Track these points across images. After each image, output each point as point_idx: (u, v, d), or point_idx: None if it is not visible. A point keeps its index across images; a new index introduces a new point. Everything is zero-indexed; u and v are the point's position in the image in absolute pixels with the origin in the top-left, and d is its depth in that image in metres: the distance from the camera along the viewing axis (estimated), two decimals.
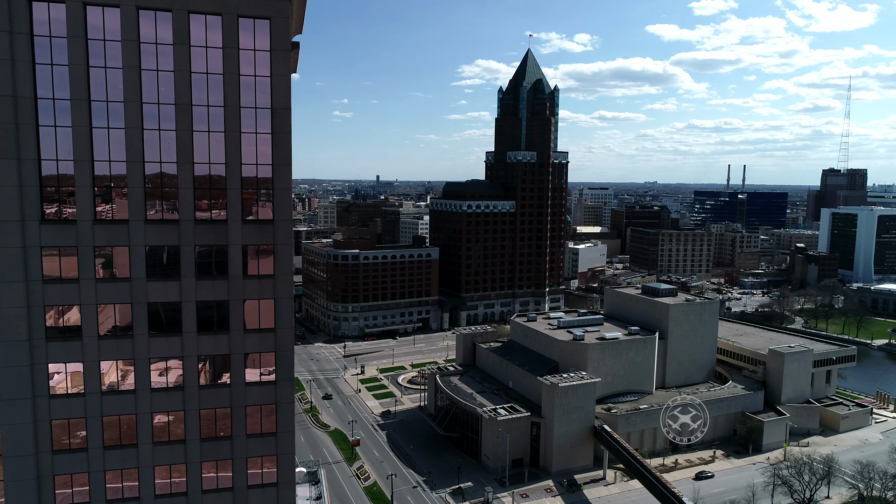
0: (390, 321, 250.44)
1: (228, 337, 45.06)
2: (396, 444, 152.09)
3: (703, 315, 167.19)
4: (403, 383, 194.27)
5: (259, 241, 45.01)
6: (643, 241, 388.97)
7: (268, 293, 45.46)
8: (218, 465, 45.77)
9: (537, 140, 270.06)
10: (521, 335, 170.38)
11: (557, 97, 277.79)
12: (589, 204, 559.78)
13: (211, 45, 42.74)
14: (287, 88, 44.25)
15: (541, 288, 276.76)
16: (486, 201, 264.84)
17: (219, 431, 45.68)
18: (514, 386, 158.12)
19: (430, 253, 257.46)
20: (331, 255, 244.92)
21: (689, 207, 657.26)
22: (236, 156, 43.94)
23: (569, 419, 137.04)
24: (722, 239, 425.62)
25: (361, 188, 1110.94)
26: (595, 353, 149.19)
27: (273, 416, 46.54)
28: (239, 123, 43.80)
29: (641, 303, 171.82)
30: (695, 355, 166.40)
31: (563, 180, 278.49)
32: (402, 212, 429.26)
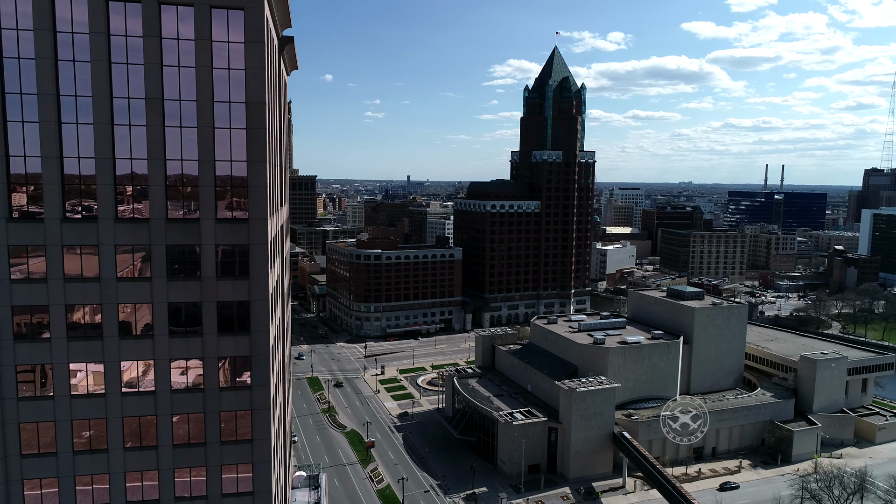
0: (412, 321, 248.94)
1: (201, 340, 43.51)
2: (412, 446, 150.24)
3: (731, 319, 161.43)
4: (423, 385, 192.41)
5: (233, 241, 43.37)
6: (674, 242, 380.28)
7: (242, 295, 43.75)
8: (191, 473, 44.26)
9: (563, 139, 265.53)
10: (540, 338, 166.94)
11: (584, 95, 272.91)
12: (619, 204, 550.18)
13: (183, 38, 41.28)
14: (262, 82, 42.50)
15: (566, 289, 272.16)
16: (510, 201, 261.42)
17: (192, 437, 44.14)
18: (532, 390, 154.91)
19: (453, 253, 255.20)
20: (353, 255, 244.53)
21: (723, 208, 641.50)
22: (209, 152, 42.35)
23: (587, 425, 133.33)
24: (756, 240, 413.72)
25: (392, 188, 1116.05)
26: (616, 357, 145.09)
27: (249, 423, 44.81)
28: (212, 119, 42.23)
29: (666, 306, 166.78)
30: (721, 361, 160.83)
31: (589, 180, 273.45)
32: (428, 212, 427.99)
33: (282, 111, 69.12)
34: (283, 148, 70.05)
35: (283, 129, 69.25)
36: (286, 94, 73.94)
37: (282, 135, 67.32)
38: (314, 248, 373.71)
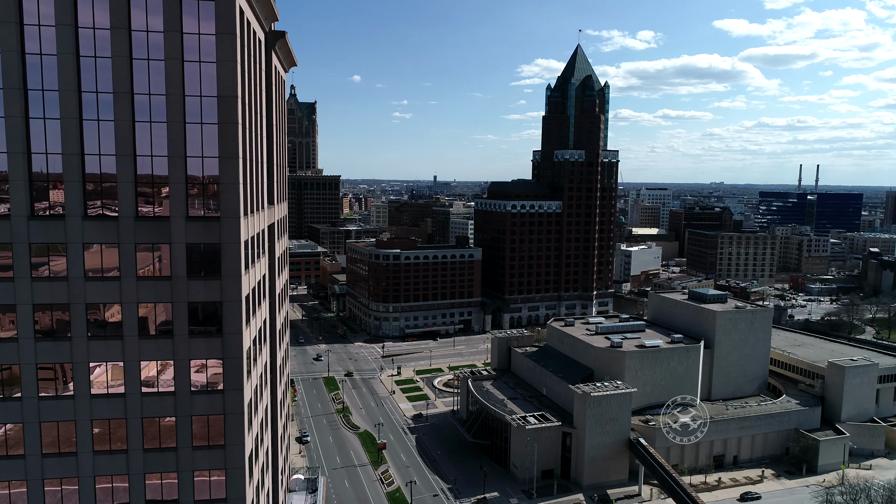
0: (431, 322, 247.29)
1: (172, 342, 42.23)
2: (425, 448, 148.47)
3: (755, 323, 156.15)
4: (439, 386, 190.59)
5: (204, 240, 41.98)
6: (701, 243, 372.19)
7: (214, 295, 42.35)
8: (162, 478, 43.02)
9: (586, 138, 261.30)
10: (557, 340, 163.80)
11: (608, 94, 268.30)
12: (646, 205, 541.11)
13: (152, 30, 40.00)
14: (234, 75, 41.02)
15: (588, 291, 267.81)
16: (531, 201, 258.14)
17: (163, 442, 42.90)
18: (547, 393, 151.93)
19: (472, 253, 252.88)
20: (373, 255, 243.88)
21: (753, 209, 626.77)
22: (179, 148, 41.03)
23: (602, 430, 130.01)
24: (788, 242, 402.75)
25: (418, 188, 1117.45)
26: (633, 361, 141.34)
27: (222, 428, 43.40)
28: (183, 113, 40.90)
29: (687, 309, 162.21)
30: (744, 366, 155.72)
31: (612, 180, 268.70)
32: (451, 212, 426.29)
33: (277, 107, 67.84)
34: (278, 145, 68.82)
35: (277, 126, 67.98)
36: (284, 90, 72.69)
37: (276, 131, 66.04)
38: (336, 247, 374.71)
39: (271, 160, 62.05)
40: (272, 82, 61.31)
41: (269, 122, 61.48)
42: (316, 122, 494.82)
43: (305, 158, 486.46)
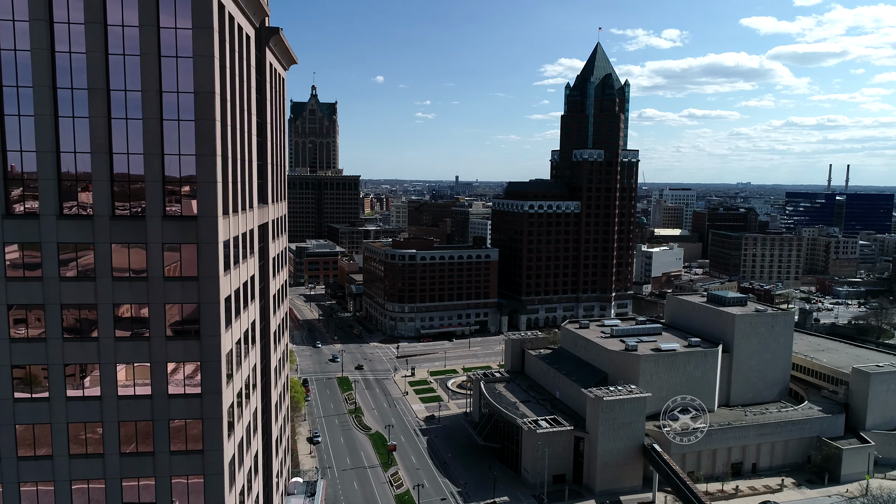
0: (447, 323, 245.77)
1: (149, 344, 41.23)
2: (436, 451, 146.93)
3: (776, 327, 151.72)
4: (452, 387, 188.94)
5: (181, 240, 40.93)
6: (724, 244, 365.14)
7: (192, 297, 41.26)
8: (139, 483, 42.06)
9: (605, 138, 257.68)
10: (571, 343, 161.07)
11: (628, 93, 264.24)
12: (669, 205, 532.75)
13: (128, 24, 38.98)
14: (211, 71, 39.86)
15: (606, 293, 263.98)
16: (549, 201, 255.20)
17: (140, 446, 41.93)
18: (560, 396, 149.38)
19: (489, 254, 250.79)
20: (388, 255, 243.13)
21: (780, 210, 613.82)
22: (156, 146, 40.00)
23: (615, 436, 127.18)
24: (814, 244, 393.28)
25: (440, 189, 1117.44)
26: (648, 365, 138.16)
27: (200, 432, 42.31)
28: (159, 110, 39.87)
29: (705, 312, 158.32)
30: (764, 371, 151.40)
31: (632, 180, 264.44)
32: (471, 212, 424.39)
33: (274, 105, 66.87)
34: (276, 143, 67.84)
35: (275, 124, 67.02)
36: (282, 87, 71.65)
37: (272, 129, 65.07)
38: (355, 247, 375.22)
39: (264, 158, 60.98)
40: (266, 79, 60.27)
41: (262, 120, 60.44)
42: (336, 122, 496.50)
43: (326, 158, 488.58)
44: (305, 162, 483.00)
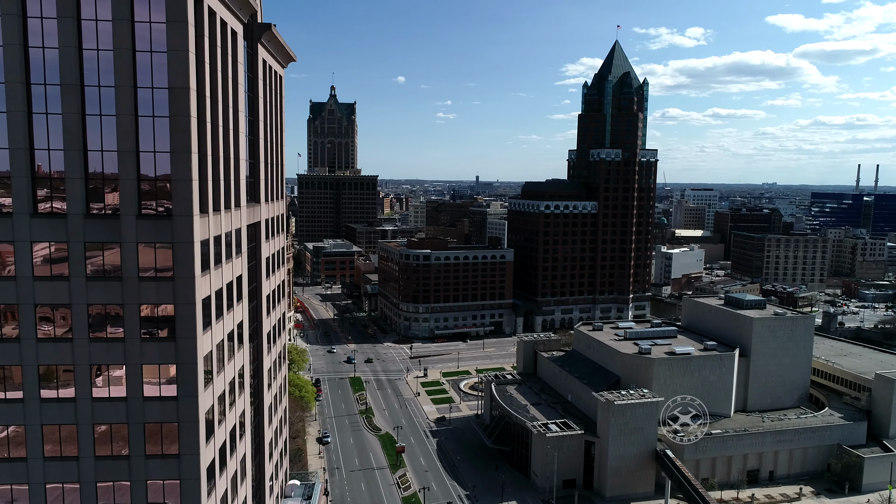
0: (461, 323, 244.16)
1: (123, 345, 40.37)
2: (445, 453, 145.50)
3: (795, 331, 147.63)
4: (465, 389, 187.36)
5: (156, 239, 40.00)
6: (747, 246, 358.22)
7: (167, 297, 40.32)
8: (115, 487, 41.24)
9: (623, 137, 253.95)
10: (583, 345, 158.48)
11: (646, 91, 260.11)
12: (690, 206, 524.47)
13: (101, 19, 38.14)
14: (186, 65, 38.86)
15: (624, 294, 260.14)
16: (565, 201, 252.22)
17: (115, 449, 41.10)
18: (572, 400, 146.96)
19: (504, 254, 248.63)
20: (402, 255, 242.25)
21: (805, 210, 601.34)
22: (130, 143, 39.12)
23: (626, 441, 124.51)
24: (841, 245, 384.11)
25: (460, 189, 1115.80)
26: (661, 368, 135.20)
27: (176, 436, 41.36)
28: (133, 106, 38.97)
29: (722, 315, 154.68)
30: (783, 376, 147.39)
31: (651, 180, 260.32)
32: (489, 212, 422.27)
33: (269, 102, 65.98)
34: (271, 141, 66.92)
35: (270, 122, 66.11)
36: (278, 85, 70.69)
37: (266, 127, 64.15)
38: (372, 247, 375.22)
39: (256, 157, 60.07)
40: (258, 76, 59.35)
41: (254, 118, 59.54)
42: (355, 122, 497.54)
43: (344, 158, 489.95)
44: (324, 162, 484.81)
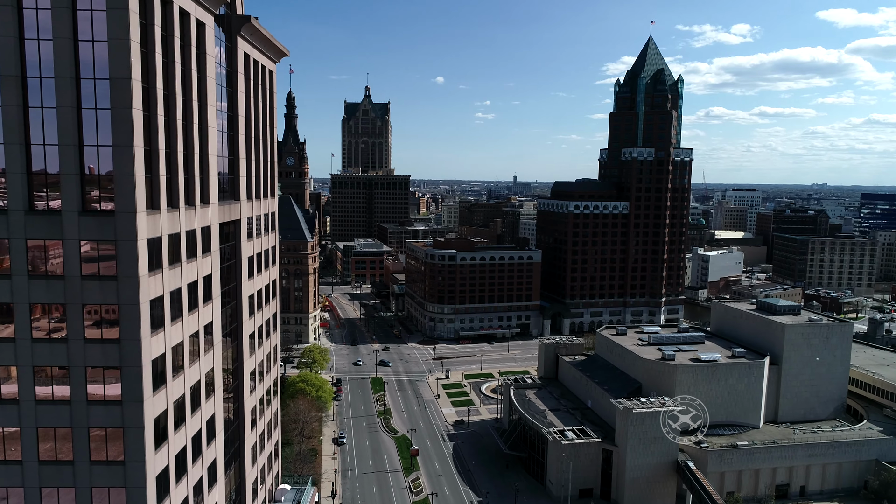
0: (487, 325, 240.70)
1: (67, 347, 38.87)
2: (461, 457, 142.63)
3: (831, 339, 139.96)
4: (486, 392, 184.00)
5: (98, 237, 38.37)
6: (789, 248, 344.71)
7: (111, 298, 38.67)
8: (59, 493, 39.81)
9: (656, 135, 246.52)
10: (606, 349, 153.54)
11: (681, 89, 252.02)
12: (731, 207, 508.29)
13: (41, 7, 36.69)
14: (127, 55, 37.09)
15: (656, 298, 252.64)
16: (595, 202, 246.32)
17: (59, 454, 39.66)
18: (592, 406, 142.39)
19: (531, 255, 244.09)
20: (428, 255, 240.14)
21: (855, 212, 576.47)
22: (72, 136, 37.57)
23: (645, 450, 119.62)
24: (891, 249, 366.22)
25: (498, 189, 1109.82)
26: (685, 375, 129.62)
27: (121, 442, 39.69)
28: (75, 97, 37.39)
29: (752, 320, 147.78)
30: (818, 386, 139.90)
31: (685, 179, 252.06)
32: (521, 212, 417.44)
33: (254, 98, 64.32)
34: (255, 138, 65.26)
35: (254, 118, 64.45)
36: (268, 81, 68.97)
37: (248, 123, 62.49)
38: (402, 247, 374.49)
39: (235, 153, 58.39)
40: (237, 70, 57.66)
41: (233, 113, 57.90)
42: (389, 122, 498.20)
43: (378, 158, 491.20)
44: (358, 162, 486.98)
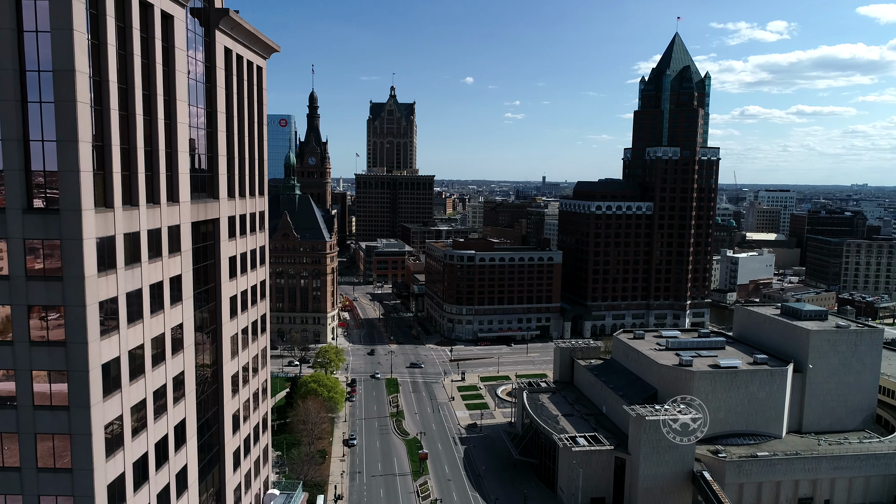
0: (506, 327, 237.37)
1: (12, 349, 37.52)
2: (472, 461, 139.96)
3: (860, 346, 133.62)
4: (502, 395, 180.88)
5: (43, 235, 36.93)
6: (823, 251, 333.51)
7: (56, 299, 37.19)
8: (7, 501, 38.51)
9: (682, 134, 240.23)
10: (622, 354, 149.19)
11: (708, 86, 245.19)
12: (764, 208, 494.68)
13: None
14: (70, 45, 35.54)
15: (681, 300, 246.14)
16: (618, 202, 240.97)
17: (6, 460, 38.34)
18: (607, 412, 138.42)
19: (552, 256, 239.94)
20: (447, 256, 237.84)
21: (895, 214, 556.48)
22: (14, 130, 36.17)
23: (659, 459, 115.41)
24: None
25: (526, 189, 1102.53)
26: (702, 382, 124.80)
27: (69, 449, 38.20)
28: (19, 91, 35.98)
29: (776, 325, 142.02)
30: (845, 395, 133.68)
31: (712, 180, 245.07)
32: (546, 213, 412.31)
33: (237, 94, 62.79)
34: (239, 135, 63.70)
35: (238, 114, 62.91)
36: (255, 77, 67.40)
37: (229, 119, 60.95)
38: (424, 247, 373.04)
39: (214, 151, 56.87)
40: (215, 66, 56.12)
41: (211, 109, 56.40)
42: (414, 122, 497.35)
43: (403, 158, 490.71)
44: (383, 162, 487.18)
